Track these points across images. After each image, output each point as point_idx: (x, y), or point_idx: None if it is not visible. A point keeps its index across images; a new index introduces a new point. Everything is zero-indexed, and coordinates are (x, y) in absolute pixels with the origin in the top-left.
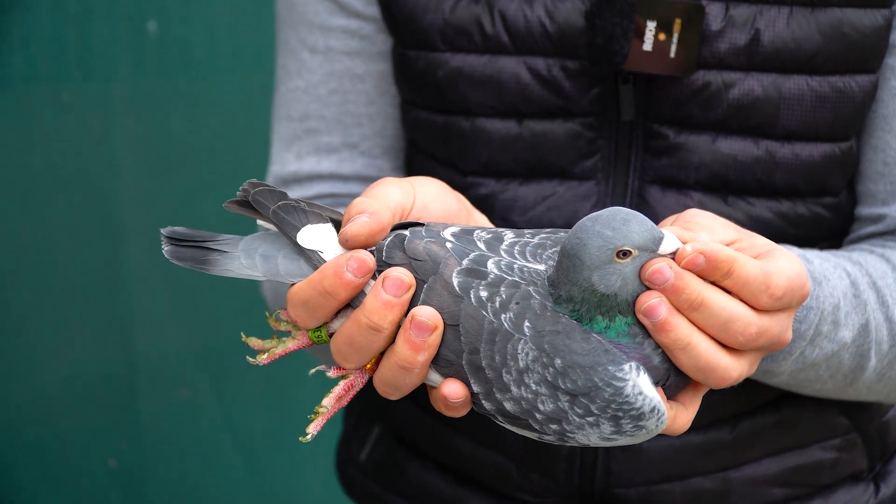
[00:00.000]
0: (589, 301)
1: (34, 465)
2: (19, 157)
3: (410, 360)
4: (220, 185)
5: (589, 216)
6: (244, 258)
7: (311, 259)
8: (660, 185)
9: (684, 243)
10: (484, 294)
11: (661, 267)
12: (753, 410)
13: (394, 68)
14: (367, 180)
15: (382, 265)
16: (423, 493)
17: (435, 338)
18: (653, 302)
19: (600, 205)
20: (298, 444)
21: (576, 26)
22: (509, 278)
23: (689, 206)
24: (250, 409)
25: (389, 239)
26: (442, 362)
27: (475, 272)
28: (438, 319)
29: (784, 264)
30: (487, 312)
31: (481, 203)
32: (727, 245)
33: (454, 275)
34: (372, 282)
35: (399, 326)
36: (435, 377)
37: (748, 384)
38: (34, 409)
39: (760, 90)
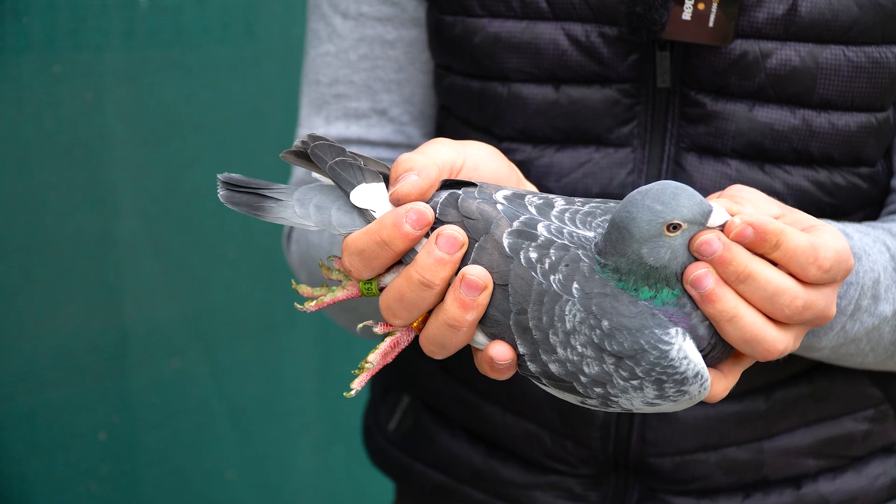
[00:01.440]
0: (637, 273)
1: (24, 438)
2: (11, 129)
3: (459, 318)
4: (211, 155)
5: (639, 189)
6: (298, 207)
7: (365, 217)
8: (696, 153)
9: (732, 216)
10: (534, 255)
11: (710, 238)
12: (787, 380)
13: (428, 33)
14: (396, 147)
15: (436, 223)
16: (453, 464)
17: (484, 297)
18: (700, 272)
19: (636, 172)
20: (290, 415)
21: None
22: (559, 241)
23: (726, 174)
24: (242, 380)
25: (444, 197)
26: (489, 322)
27: (525, 234)
28: (488, 279)
29: (830, 238)
30: (537, 273)
31: None
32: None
33: (505, 235)
34: (424, 240)
35: (449, 285)
36: (481, 339)
37: None
38: (23, 381)
39: (798, 60)
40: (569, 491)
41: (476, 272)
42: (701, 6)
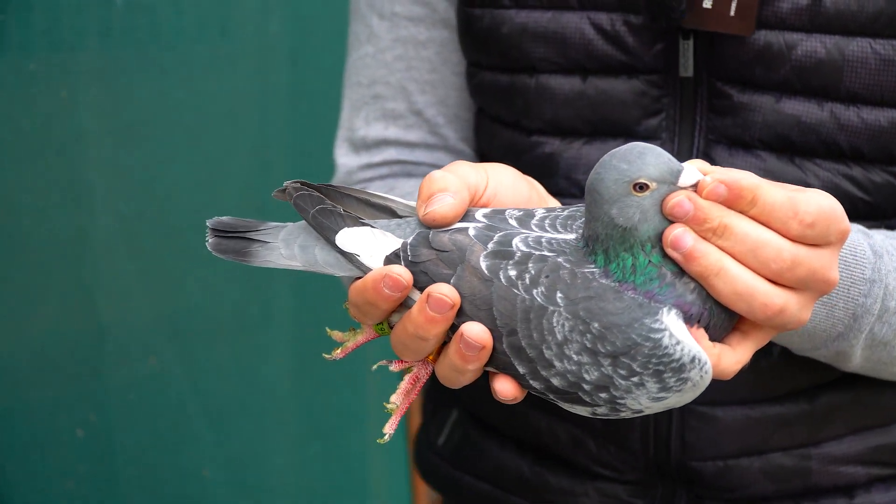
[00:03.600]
0: (612, 237)
1: (0, 437)
2: None
3: (461, 367)
4: (186, 155)
5: (609, 152)
6: (283, 248)
7: (351, 261)
8: (726, 145)
9: (705, 175)
10: (513, 273)
11: (680, 200)
12: (831, 384)
13: (458, 29)
14: (433, 148)
15: (408, 264)
16: (501, 474)
17: (485, 353)
18: (677, 232)
19: None
20: (266, 414)
21: None
22: (536, 253)
23: (758, 167)
24: (219, 378)
25: (413, 237)
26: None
27: (501, 253)
28: (486, 338)
29: (814, 195)
30: (519, 290)
31: (546, 162)
32: None
33: (481, 259)
34: (417, 292)
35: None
36: (490, 368)
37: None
38: None
39: (823, 52)
40: (616, 498)
41: (474, 333)
42: None
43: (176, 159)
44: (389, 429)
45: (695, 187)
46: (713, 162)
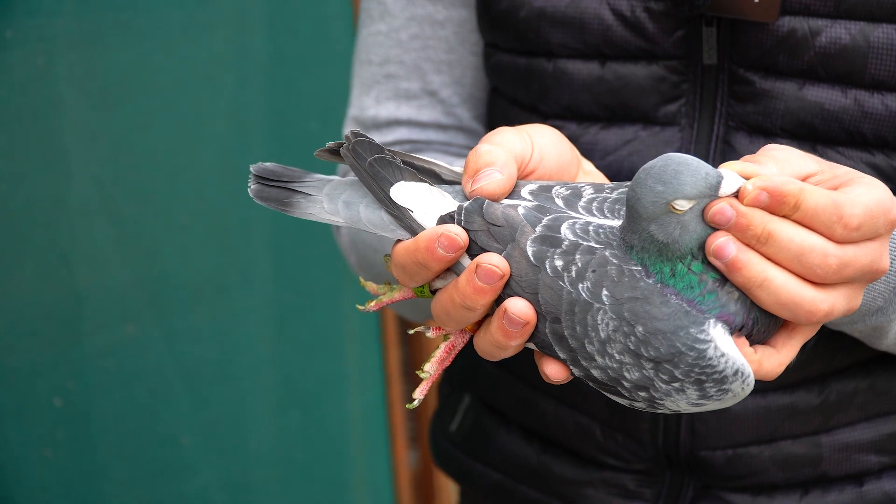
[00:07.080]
0: (649, 249)
1: None
2: None
3: (503, 343)
4: (163, 120)
5: (644, 167)
6: (327, 203)
7: (403, 215)
8: (746, 132)
9: (748, 179)
10: (559, 263)
11: (722, 207)
12: (843, 371)
13: (476, 10)
14: (446, 128)
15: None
16: (509, 462)
17: (528, 329)
18: (720, 241)
19: (683, 151)
20: (245, 380)
21: None
22: (584, 244)
23: None
24: (197, 345)
25: (469, 202)
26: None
27: (549, 239)
28: (531, 315)
29: (862, 191)
30: (564, 283)
31: None
32: (804, 179)
33: (529, 243)
34: (467, 259)
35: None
36: (531, 345)
37: (835, 343)
38: None
39: (848, 38)
40: (622, 488)
41: (517, 309)
42: None
43: (153, 125)
44: (419, 394)
45: (736, 194)
46: (733, 149)
